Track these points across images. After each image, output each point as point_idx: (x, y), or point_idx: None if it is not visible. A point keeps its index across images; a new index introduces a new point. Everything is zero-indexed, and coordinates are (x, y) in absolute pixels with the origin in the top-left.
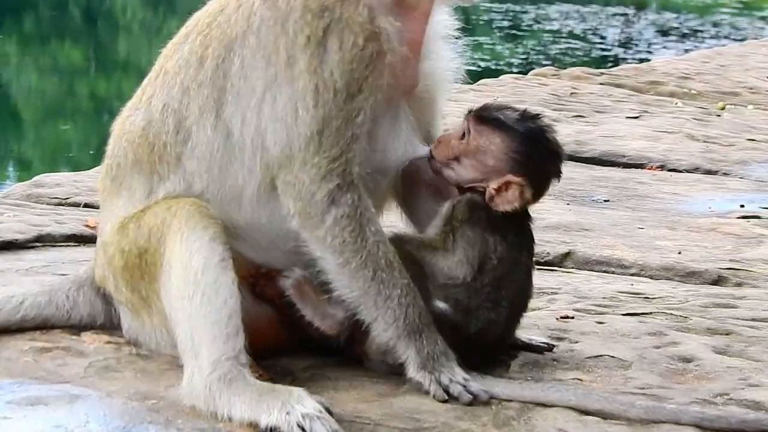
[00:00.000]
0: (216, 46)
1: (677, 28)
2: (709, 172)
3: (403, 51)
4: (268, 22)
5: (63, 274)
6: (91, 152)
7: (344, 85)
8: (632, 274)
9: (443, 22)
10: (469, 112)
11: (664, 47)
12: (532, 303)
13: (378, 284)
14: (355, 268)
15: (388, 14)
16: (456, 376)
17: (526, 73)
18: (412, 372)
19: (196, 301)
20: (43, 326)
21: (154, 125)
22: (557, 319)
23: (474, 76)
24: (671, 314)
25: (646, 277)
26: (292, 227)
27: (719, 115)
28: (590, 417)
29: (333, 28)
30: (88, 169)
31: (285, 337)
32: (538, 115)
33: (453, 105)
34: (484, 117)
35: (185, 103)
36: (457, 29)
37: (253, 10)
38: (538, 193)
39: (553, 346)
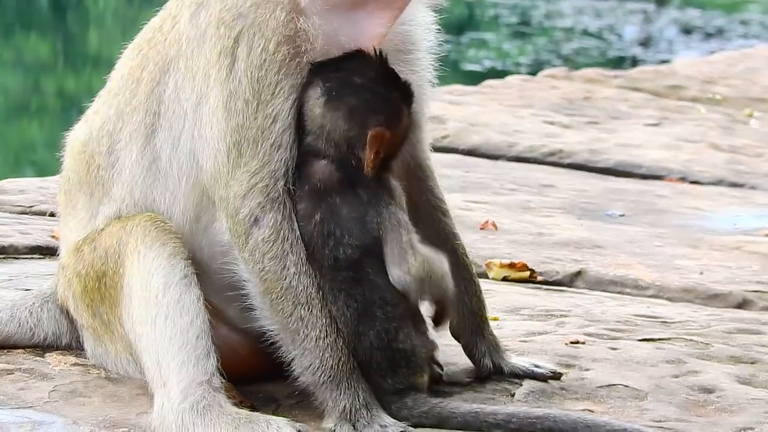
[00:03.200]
0: (152, 69)
1: (701, 26)
2: (734, 185)
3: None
4: (192, 42)
5: (26, 289)
6: (58, 155)
7: (253, 92)
8: (649, 296)
9: (420, 28)
10: None
11: (687, 47)
12: (539, 327)
13: (296, 321)
14: (275, 300)
15: (313, 15)
16: (377, 427)
17: (535, 74)
18: (329, 423)
19: (160, 323)
20: (4, 345)
21: (91, 143)
22: (566, 344)
23: (478, 77)
24: (691, 340)
25: (664, 299)
26: (226, 245)
27: (746, 123)
28: None
29: (244, 35)
30: (55, 173)
31: (266, 364)
32: None
33: (454, 110)
34: None
35: (119, 126)
36: (437, 32)
37: (181, 31)
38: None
39: (561, 374)
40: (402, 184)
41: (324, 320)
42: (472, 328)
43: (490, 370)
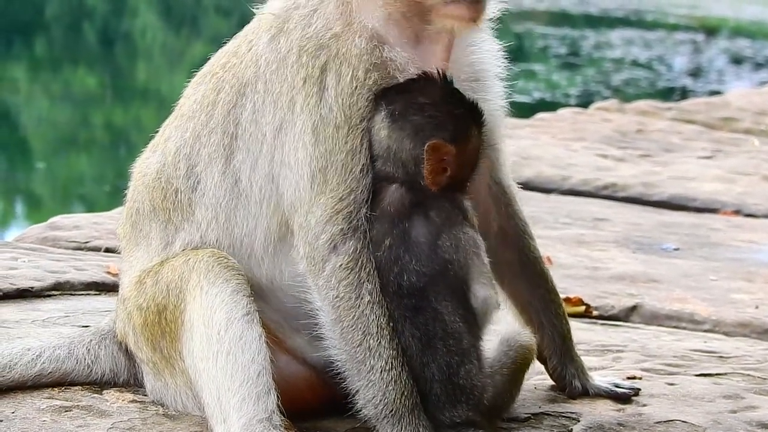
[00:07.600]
0: (228, 91)
1: (751, 56)
2: None
3: None
4: (271, 65)
5: (83, 326)
6: (107, 189)
7: (345, 118)
8: (705, 331)
9: (488, 56)
10: None
11: (737, 78)
12: (596, 362)
13: (364, 351)
14: (345, 328)
15: (395, 45)
16: None
17: (586, 106)
18: None
19: (221, 360)
20: (61, 382)
21: (167, 169)
22: (623, 379)
23: (528, 109)
24: (749, 375)
25: (720, 333)
26: (301, 273)
27: None
28: None
29: (330, 65)
30: (104, 207)
31: (325, 397)
32: None
33: (507, 142)
34: None
35: (196, 148)
36: (507, 62)
37: (259, 53)
38: None
39: (639, 389)
40: (488, 209)
41: (391, 352)
42: (563, 350)
43: (579, 392)
